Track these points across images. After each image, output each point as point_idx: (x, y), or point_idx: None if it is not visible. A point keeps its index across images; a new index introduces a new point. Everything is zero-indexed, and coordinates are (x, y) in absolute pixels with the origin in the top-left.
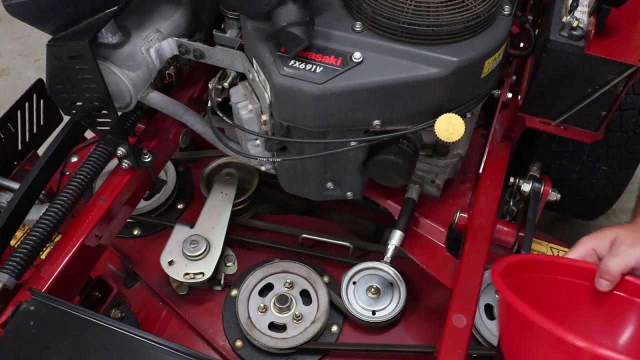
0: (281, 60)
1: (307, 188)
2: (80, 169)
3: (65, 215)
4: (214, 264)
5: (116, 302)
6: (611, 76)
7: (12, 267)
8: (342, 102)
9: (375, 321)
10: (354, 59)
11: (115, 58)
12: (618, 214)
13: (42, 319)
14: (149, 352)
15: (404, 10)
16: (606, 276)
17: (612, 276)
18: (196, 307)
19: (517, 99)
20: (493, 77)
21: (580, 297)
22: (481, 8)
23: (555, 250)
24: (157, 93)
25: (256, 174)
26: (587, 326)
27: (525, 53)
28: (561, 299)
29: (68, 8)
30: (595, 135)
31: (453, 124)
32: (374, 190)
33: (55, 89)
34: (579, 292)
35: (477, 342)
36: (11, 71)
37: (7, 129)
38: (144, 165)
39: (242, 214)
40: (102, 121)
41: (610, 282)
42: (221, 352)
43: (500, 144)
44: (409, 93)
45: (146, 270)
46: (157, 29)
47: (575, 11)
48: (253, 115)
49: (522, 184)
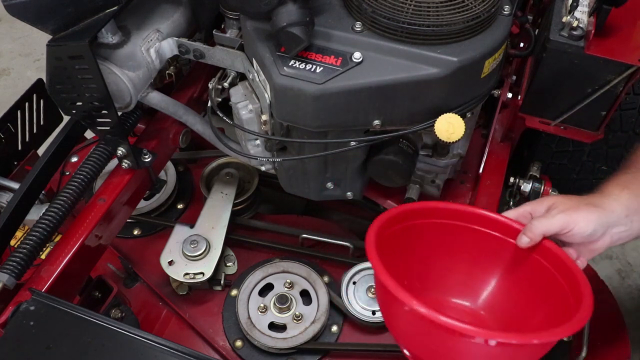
0: (281, 60)
1: (307, 188)
2: (80, 169)
3: (65, 215)
4: (214, 264)
5: (116, 302)
6: (611, 76)
7: (12, 267)
8: (342, 102)
9: (375, 321)
10: (354, 59)
11: (115, 58)
12: None
13: (42, 319)
14: (149, 352)
15: (404, 10)
16: (528, 233)
17: (533, 235)
18: (196, 307)
19: (517, 99)
20: (493, 77)
21: (466, 237)
22: (481, 8)
23: None
24: (157, 93)
25: (256, 174)
26: (474, 263)
27: (525, 53)
28: (447, 239)
29: (68, 8)
30: (595, 135)
31: (453, 124)
32: (374, 190)
33: (55, 89)
34: (464, 232)
35: None
36: (11, 71)
37: (7, 129)
38: (144, 165)
39: (242, 214)
40: (102, 121)
41: (530, 239)
42: (221, 352)
43: (500, 144)
44: (409, 93)
45: (146, 270)
46: (157, 29)
47: (575, 11)
48: (253, 115)
49: (522, 184)
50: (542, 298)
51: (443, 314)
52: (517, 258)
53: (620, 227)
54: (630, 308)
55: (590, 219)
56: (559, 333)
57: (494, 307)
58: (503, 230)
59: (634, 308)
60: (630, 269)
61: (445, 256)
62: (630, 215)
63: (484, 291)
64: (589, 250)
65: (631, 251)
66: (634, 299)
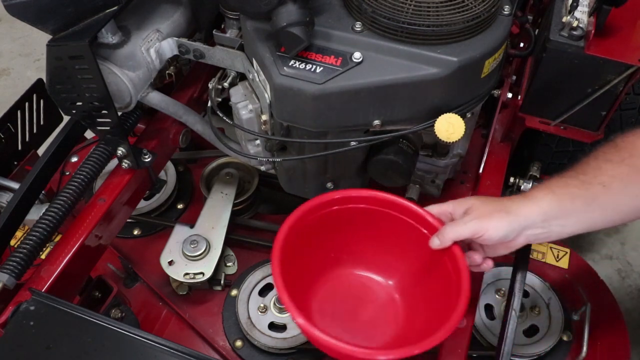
0: (281, 60)
1: (307, 188)
2: (80, 169)
3: (65, 215)
4: (214, 264)
5: (116, 302)
6: (611, 76)
7: (12, 267)
8: (342, 102)
9: None
10: (354, 59)
11: (115, 58)
12: None
13: (42, 319)
14: (149, 352)
15: (404, 10)
16: (440, 237)
17: (444, 240)
18: (196, 307)
19: (517, 99)
20: (493, 77)
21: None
22: (481, 8)
23: (555, 250)
24: (157, 93)
25: (256, 174)
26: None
27: (525, 53)
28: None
29: (68, 8)
30: (595, 135)
31: (453, 124)
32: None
33: (55, 89)
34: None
35: (477, 342)
36: (11, 71)
37: (7, 129)
38: (144, 165)
39: (242, 214)
40: (102, 121)
41: (441, 243)
42: (221, 352)
43: (500, 144)
44: (409, 93)
45: (146, 270)
46: (157, 29)
47: (575, 11)
48: (253, 115)
49: (522, 184)
50: (440, 294)
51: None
52: (430, 252)
53: (535, 230)
54: (630, 308)
55: (499, 226)
56: (408, 352)
57: (408, 290)
58: (423, 223)
59: (634, 308)
60: (630, 269)
61: (373, 239)
62: (549, 220)
63: (402, 273)
64: (504, 248)
65: (631, 251)
66: (634, 299)
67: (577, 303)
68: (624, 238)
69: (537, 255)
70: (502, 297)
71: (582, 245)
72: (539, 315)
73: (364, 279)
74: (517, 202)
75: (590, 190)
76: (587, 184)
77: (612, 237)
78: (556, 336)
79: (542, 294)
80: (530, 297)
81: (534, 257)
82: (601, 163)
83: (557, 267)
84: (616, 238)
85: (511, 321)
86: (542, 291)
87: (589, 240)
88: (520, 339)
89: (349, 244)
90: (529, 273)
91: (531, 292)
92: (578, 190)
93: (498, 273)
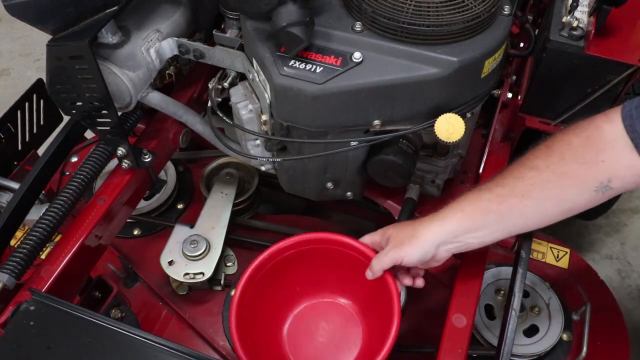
0: (281, 60)
1: (307, 188)
2: (80, 169)
3: (65, 215)
4: (214, 264)
5: (116, 302)
6: (611, 76)
7: (12, 267)
8: (342, 102)
9: None
10: (354, 59)
11: (115, 58)
12: (618, 213)
13: (42, 319)
14: (149, 352)
15: (404, 10)
16: (370, 269)
17: (374, 271)
18: (196, 307)
19: (517, 99)
20: (493, 77)
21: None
22: (481, 8)
23: (555, 250)
24: (157, 93)
25: (256, 174)
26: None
27: (525, 53)
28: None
29: (68, 8)
30: None
31: (453, 124)
32: (374, 190)
33: (55, 89)
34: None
35: (477, 342)
36: (11, 71)
37: (7, 129)
38: (144, 165)
39: (242, 214)
40: (102, 121)
41: (372, 274)
42: (221, 352)
43: (500, 144)
44: (409, 93)
45: (146, 270)
46: (157, 29)
47: (575, 11)
48: (253, 115)
49: None
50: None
51: None
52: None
53: (450, 245)
54: (630, 308)
55: (412, 252)
56: None
57: (366, 312)
58: (362, 255)
59: (634, 308)
60: (630, 269)
61: (330, 268)
62: (460, 235)
63: (359, 296)
64: (432, 262)
65: (631, 251)
66: (634, 299)
67: (577, 303)
68: (624, 238)
69: (537, 255)
70: (502, 297)
71: (582, 245)
72: (539, 315)
73: (329, 304)
74: (426, 225)
75: (505, 203)
76: (502, 197)
77: (612, 237)
78: (556, 336)
79: (542, 294)
80: (530, 297)
81: (534, 257)
82: (525, 171)
83: (557, 267)
84: (616, 238)
85: (511, 321)
86: (542, 291)
87: (589, 240)
88: (520, 339)
89: (310, 277)
90: (529, 273)
91: (531, 292)
92: (490, 205)
93: (498, 273)
